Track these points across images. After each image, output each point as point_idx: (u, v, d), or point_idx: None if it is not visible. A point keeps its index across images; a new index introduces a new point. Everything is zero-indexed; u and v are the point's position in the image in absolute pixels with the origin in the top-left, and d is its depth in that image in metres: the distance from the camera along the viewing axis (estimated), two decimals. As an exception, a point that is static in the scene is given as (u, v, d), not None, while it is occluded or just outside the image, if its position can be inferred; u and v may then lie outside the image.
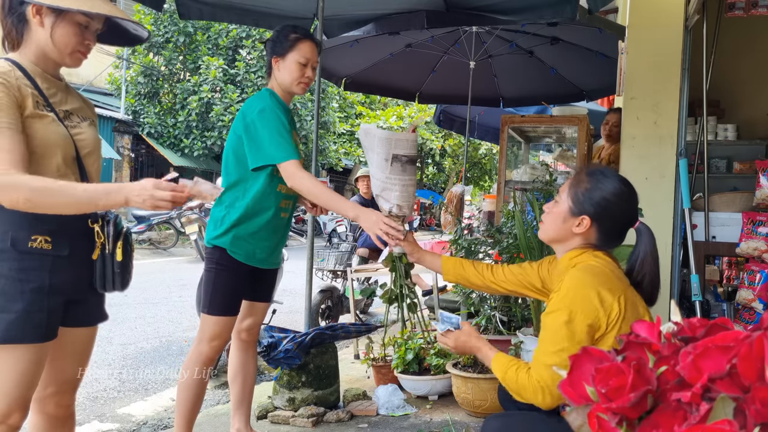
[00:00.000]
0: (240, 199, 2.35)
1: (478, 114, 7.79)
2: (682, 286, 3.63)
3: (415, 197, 2.25)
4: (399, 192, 2.15)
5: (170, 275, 8.90)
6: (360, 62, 5.95)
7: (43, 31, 1.63)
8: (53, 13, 1.62)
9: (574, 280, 1.58)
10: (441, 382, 3.32)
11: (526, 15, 3.63)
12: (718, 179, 4.81)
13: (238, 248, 2.35)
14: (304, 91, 2.44)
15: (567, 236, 1.72)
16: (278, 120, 2.27)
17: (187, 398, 2.39)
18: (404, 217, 2.18)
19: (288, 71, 2.37)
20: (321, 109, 14.19)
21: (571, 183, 1.74)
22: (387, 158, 2.13)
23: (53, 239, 1.62)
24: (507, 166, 4.52)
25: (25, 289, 1.57)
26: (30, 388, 1.61)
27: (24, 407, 1.61)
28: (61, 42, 1.64)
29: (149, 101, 16.42)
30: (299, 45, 2.35)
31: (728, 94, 5.01)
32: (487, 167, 25.56)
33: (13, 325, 1.55)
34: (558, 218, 1.73)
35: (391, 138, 2.14)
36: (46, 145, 1.61)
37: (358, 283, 5.90)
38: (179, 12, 3.93)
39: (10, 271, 1.56)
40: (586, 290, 1.55)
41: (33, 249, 1.59)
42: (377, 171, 2.17)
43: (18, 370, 1.56)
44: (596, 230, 1.69)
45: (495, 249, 3.42)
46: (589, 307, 1.53)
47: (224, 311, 2.38)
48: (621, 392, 0.67)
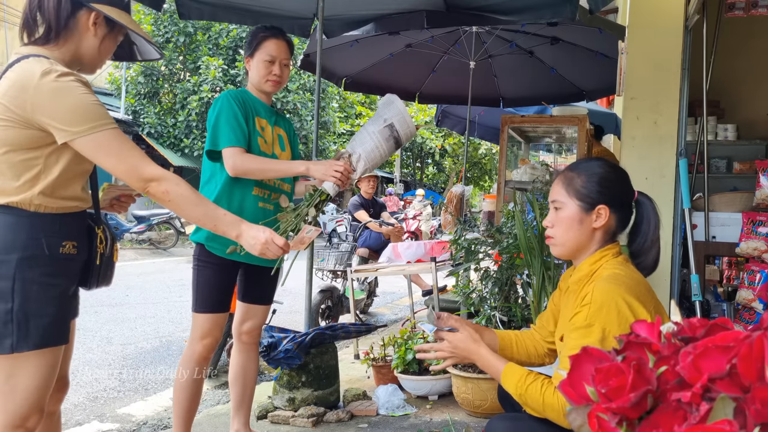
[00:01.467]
0: (212, 193, 2.38)
1: (478, 114, 7.79)
2: (682, 286, 3.63)
3: (373, 168, 2.45)
4: (369, 150, 2.33)
5: (170, 275, 8.90)
6: (360, 62, 5.95)
7: (95, 39, 1.68)
8: (107, 26, 1.68)
9: (604, 293, 1.45)
10: (441, 382, 3.32)
11: (526, 15, 3.63)
12: (718, 179, 4.82)
13: (214, 242, 2.33)
14: (274, 89, 2.48)
15: (587, 238, 1.59)
16: (229, 110, 2.34)
17: (184, 398, 2.39)
18: (353, 171, 2.34)
19: (256, 69, 2.45)
20: (321, 109, 14.19)
21: (564, 184, 1.62)
22: (386, 119, 2.33)
23: (78, 244, 1.66)
24: (507, 166, 4.52)
25: (56, 294, 1.60)
26: (49, 389, 1.63)
27: (41, 408, 1.62)
28: (105, 53, 1.73)
29: (149, 101, 16.42)
30: (265, 43, 2.42)
31: (728, 94, 5.01)
32: (487, 167, 25.57)
33: (49, 329, 1.58)
34: (572, 223, 1.59)
35: (402, 111, 2.36)
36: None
37: (358, 283, 5.90)
38: (179, 12, 3.93)
39: (41, 276, 1.58)
40: (619, 303, 1.43)
41: (63, 255, 1.62)
42: (371, 125, 2.37)
43: (43, 374, 1.59)
44: (614, 216, 1.58)
45: (495, 249, 3.43)
46: (623, 322, 1.40)
47: (210, 308, 2.37)
48: (621, 392, 0.67)
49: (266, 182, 2.43)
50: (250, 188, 2.40)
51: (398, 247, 5.42)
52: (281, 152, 2.53)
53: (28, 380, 1.56)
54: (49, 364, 1.60)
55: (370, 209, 6.29)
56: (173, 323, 5.71)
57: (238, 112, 2.35)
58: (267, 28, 2.49)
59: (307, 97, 16.33)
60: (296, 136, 2.70)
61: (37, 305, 1.56)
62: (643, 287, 1.50)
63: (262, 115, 2.49)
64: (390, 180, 26.24)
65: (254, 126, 2.43)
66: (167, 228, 12.68)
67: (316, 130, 3.69)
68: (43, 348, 1.57)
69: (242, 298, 2.58)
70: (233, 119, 2.33)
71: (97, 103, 1.59)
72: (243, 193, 2.39)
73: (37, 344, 1.56)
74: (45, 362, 1.58)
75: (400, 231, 6.24)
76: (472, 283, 3.88)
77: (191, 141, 16.08)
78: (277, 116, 2.59)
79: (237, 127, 2.33)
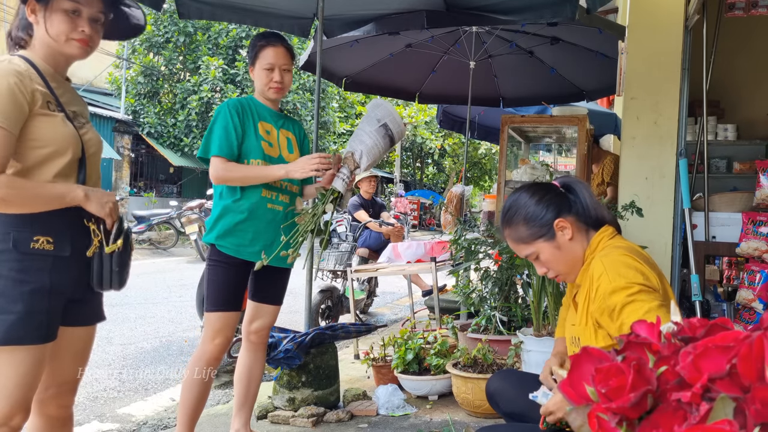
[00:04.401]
0: (222, 195, 2.45)
1: (478, 114, 7.79)
2: (682, 286, 3.63)
3: (374, 164, 2.58)
4: (369, 147, 2.47)
5: (170, 275, 8.90)
6: (360, 62, 5.95)
7: (40, 27, 1.66)
8: (42, 6, 1.65)
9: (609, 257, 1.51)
10: (441, 382, 3.32)
11: (526, 15, 3.63)
12: (718, 179, 4.82)
13: (224, 242, 2.39)
14: (278, 95, 2.52)
15: (576, 250, 1.64)
16: (223, 120, 2.40)
17: (191, 398, 2.40)
18: (357, 168, 2.47)
19: (258, 78, 2.51)
20: (321, 109, 14.15)
21: (516, 240, 1.67)
22: (380, 120, 2.48)
23: (55, 239, 1.62)
24: (507, 166, 4.52)
25: (25, 290, 1.57)
26: (31, 389, 1.61)
27: (26, 408, 1.61)
28: (53, 32, 1.66)
29: (149, 101, 16.42)
30: (263, 52, 2.48)
31: (728, 94, 5.01)
32: (487, 167, 25.57)
33: (14, 326, 1.55)
34: (556, 255, 1.63)
35: (392, 112, 2.52)
36: (58, 144, 1.63)
37: (358, 283, 5.90)
38: (179, 12, 3.93)
39: (10, 272, 1.56)
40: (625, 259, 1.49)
41: (35, 250, 1.59)
42: (366, 125, 2.50)
43: (19, 372, 1.56)
44: (570, 216, 1.63)
45: (495, 249, 3.43)
46: (640, 268, 1.48)
47: (221, 306, 2.40)
48: (621, 392, 0.67)
49: (273, 184, 2.47)
50: (258, 190, 2.43)
51: (398, 247, 5.43)
52: (289, 155, 2.55)
53: (4, 378, 1.55)
54: (25, 362, 1.56)
55: (370, 209, 6.29)
56: (173, 323, 5.71)
57: (233, 123, 2.40)
58: (264, 36, 2.54)
59: (307, 97, 16.33)
60: (306, 137, 2.71)
61: (4, 301, 1.55)
62: (645, 256, 1.56)
63: (268, 120, 2.52)
64: (390, 180, 26.24)
65: (257, 131, 2.46)
66: (167, 228, 12.68)
67: (316, 130, 3.69)
68: (8, 345, 1.54)
69: (252, 296, 2.60)
70: (224, 130, 2.39)
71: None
72: (252, 195, 2.43)
73: (1, 341, 1.54)
74: (18, 360, 1.55)
75: (400, 231, 6.24)
76: (472, 283, 3.88)
77: (191, 141, 16.07)
78: (285, 119, 2.62)
79: (225, 138, 2.38)
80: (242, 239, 2.41)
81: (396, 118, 2.51)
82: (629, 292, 1.43)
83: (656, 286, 1.46)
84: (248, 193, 2.43)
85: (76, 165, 1.69)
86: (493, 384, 1.95)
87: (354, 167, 2.45)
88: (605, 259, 1.52)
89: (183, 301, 6.77)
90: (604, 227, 1.65)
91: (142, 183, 18.17)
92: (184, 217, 11.27)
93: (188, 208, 11.48)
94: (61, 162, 1.64)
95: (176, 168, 17.72)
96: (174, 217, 11.86)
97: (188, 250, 12.15)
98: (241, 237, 2.40)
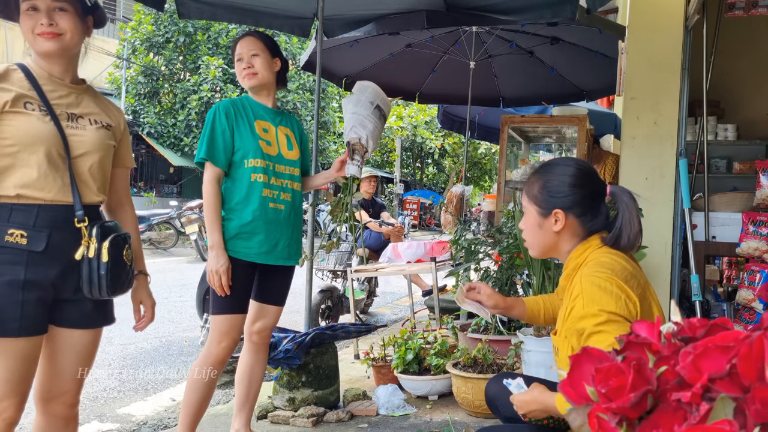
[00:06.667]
0: (224, 198, 2.45)
1: (478, 114, 7.79)
2: (682, 286, 3.63)
3: (377, 144, 2.77)
4: (371, 130, 2.64)
5: (170, 275, 8.90)
6: (360, 62, 5.95)
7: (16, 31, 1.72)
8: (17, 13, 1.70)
9: (590, 278, 1.47)
10: (441, 382, 3.32)
11: (526, 15, 3.63)
12: (718, 179, 4.82)
13: (229, 244, 2.38)
14: (251, 82, 2.49)
15: (553, 240, 1.63)
16: (210, 123, 2.43)
17: (194, 399, 2.40)
18: (366, 152, 2.64)
19: (237, 72, 2.55)
20: (321, 109, 14.19)
21: (525, 190, 1.67)
22: (372, 102, 2.65)
23: (30, 234, 1.62)
24: (507, 166, 4.52)
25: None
26: (20, 382, 1.61)
27: (17, 401, 1.61)
28: (24, 34, 1.71)
29: (149, 101, 16.42)
30: (234, 48, 2.54)
31: (728, 94, 5.01)
32: (487, 167, 25.57)
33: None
34: (534, 228, 1.63)
35: (379, 91, 2.72)
36: (25, 141, 1.64)
37: (358, 283, 5.90)
38: (179, 12, 3.93)
39: None
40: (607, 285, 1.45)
41: (8, 243, 1.60)
42: (361, 109, 2.63)
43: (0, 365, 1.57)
44: (575, 218, 1.60)
45: (495, 249, 3.43)
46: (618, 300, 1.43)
47: (226, 309, 2.39)
48: (621, 392, 0.67)
49: (274, 183, 2.46)
50: (259, 190, 2.43)
51: (398, 247, 5.43)
52: (288, 152, 2.54)
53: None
54: (6, 353, 1.57)
55: (370, 209, 6.29)
56: (173, 323, 5.71)
57: (221, 126, 2.40)
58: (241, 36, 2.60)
59: (307, 97, 16.33)
60: (305, 134, 2.71)
61: None
62: (628, 273, 1.51)
63: (265, 118, 2.50)
64: (390, 180, 26.23)
65: (254, 130, 2.45)
66: (167, 228, 12.68)
67: (316, 130, 3.69)
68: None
69: (255, 297, 2.58)
70: (210, 133, 2.40)
71: None
72: (254, 195, 2.42)
73: None
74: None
75: (400, 231, 6.24)
76: (472, 283, 3.87)
77: (191, 141, 16.08)
78: (283, 116, 2.61)
79: (211, 142, 2.39)
80: (248, 241, 2.40)
81: (384, 97, 2.71)
82: (597, 321, 1.42)
83: (627, 313, 1.43)
84: (249, 194, 2.41)
85: (59, 163, 1.68)
86: (493, 388, 1.95)
87: (363, 152, 2.59)
88: (585, 280, 1.49)
89: (183, 301, 6.77)
90: (594, 236, 1.61)
91: (142, 183, 18.18)
92: (184, 217, 11.27)
93: (188, 208, 11.48)
94: (30, 159, 1.64)
95: (176, 168, 17.72)
96: (174, 217, 11.86)
97: (188, 250, 12.14)
98: (245, 239, 2.40)
